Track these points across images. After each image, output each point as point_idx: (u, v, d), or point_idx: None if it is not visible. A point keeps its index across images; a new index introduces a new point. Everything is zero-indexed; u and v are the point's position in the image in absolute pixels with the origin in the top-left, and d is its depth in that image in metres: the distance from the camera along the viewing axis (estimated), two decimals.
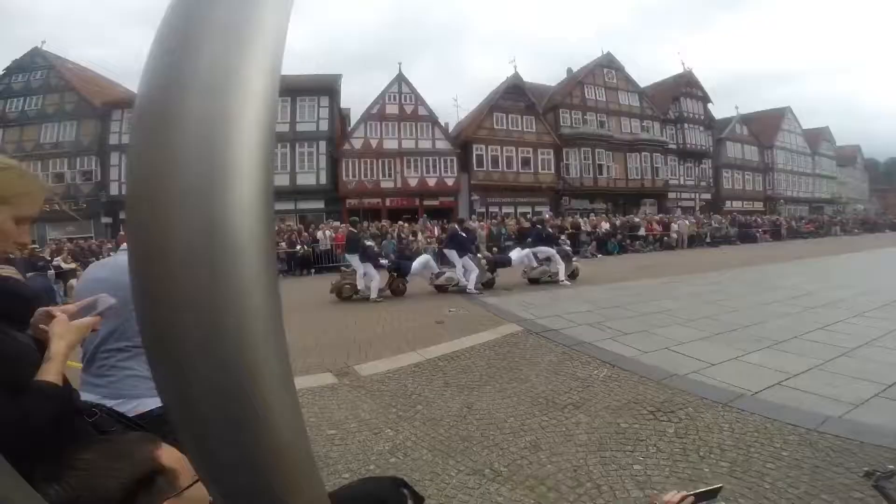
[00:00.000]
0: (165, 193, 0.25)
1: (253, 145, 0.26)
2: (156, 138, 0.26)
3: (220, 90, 0.26)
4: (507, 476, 2.61)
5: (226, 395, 0.26)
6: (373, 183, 23.16)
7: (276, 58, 0.27)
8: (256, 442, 0.27)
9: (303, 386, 4.14)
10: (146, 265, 0.26)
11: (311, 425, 3.37)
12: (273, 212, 0.28)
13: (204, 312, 0.25)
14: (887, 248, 17.68)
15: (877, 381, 3.78)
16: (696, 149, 31.44)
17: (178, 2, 0.29)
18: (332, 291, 8.79)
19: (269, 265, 0.27)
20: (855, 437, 2.86)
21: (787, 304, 7.19)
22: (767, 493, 2.34)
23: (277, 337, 0.27)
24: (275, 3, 0.28)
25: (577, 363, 4.57)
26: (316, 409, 3.68)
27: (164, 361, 0.27)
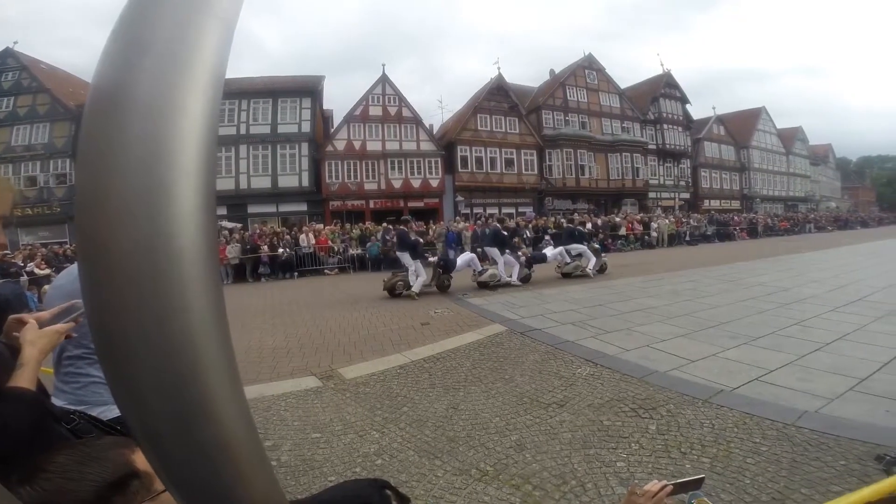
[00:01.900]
0: (110, 202, 0.27)
1: (194, 155, 0.27)
2: (101, 148, 0.27)
3: (160, 110, 0.27)
4: (493, 475, 2.63)
5: (171, 398, 0.27)
6: (356, 185, 23.01)
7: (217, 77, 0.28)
8: (204, 438, 0.28)
9: (286, 390, 4.11)
10: (94, 273, 0.28)
11: (295, 429, 3.35)
12: (215, 218, 0.29)
13: (148, 317, 0.26)
14: (858, 245, 18.32)
15: (850, 376, 3.90)
16: (675, 149, 32.05)
17: (124, 15, 0.30)
18: (385, 289, 9.00)
19: (211, 269, 0.28)
20: (831, 431, 2.94)
21: (764, 300, 7.38)
22: (748, 488, 2.39)
23: (222, 338, 0.29)
24: (215, 23, 0.29)
25: (560, 362, 4.62)
26: (300, 412, 3.64)
27: (112, 365, 0.28)
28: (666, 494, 1.25)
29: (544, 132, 27.00)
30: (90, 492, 0.68)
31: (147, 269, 0.26)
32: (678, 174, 31.91)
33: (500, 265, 9.65)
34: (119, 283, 0.26)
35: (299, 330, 6.50)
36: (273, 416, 3.58)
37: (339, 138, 23.25)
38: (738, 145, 36.55)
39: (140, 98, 0.27)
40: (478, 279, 9.50)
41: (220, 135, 10.07)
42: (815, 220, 32.59)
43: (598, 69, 29.93)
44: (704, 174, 34.30)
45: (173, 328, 0.27)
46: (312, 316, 7.45)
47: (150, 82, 0.27)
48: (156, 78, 0.27)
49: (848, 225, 34.72)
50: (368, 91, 23.84)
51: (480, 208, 24.84)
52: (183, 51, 0.28)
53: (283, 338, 6.08)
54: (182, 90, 0.27)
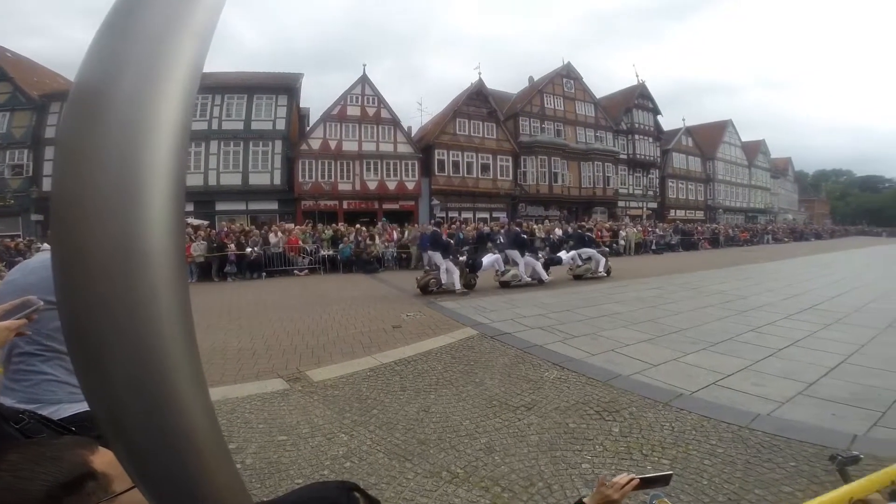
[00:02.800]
0: (85, 202, 0.28)
1: (167, 156, 0.29)
2: (76, 149, 0.29)
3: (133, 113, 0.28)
4: (463, 477, 2.65)
5: (139, 390, 0.29)
6: (330, 184, 22.71)
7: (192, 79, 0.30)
8: (169, 429, 0.29)
9: (251, 392, 4.02)
10: (67, 269, 0.29)
11: (260, 432, 3.28)
12: (183, 221, 0.31)
13: (118, 315, 0.28)
14: (811, 256, 19.34)
15: (800, 380, 4.12)
16: (645, 159, 33.07)
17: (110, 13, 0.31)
18: (418, 286, 9.32)
19: (178, 268, 0.30)
20: (782, 433, 3.09)
21: (722, 307, 7.71)
22: (706, 489, 2.48)
23: (187, 334, 0.30)
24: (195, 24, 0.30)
25: (529, 366, 4.69)
26: (265, 415, 3.58)
27: (83, 359, 0.29)
28: (632, 487, 1.30)
29: (520, 139, 27.37)
30: (41, 491, 0.67)
31: (119, 266, 0.28)
32: (647, 184, 32.89)
33: (521, 266, 10.19)
34: (92, 280, 0.28)
35: (266, 331, 6.36)
36: (237, 419, 3.50)
37: (315, 137, 22.92)
38: (705, 157, 37.98)
39: (115, 101, 0.28)
40: (500, 279, 10.03)
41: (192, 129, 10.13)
42: (773, 231, 34.16)
43: (576, 78, 30.58)
44: (672, 184, 35.49)
45: (142, 323, 0.28)
46: (280, 317, 7.30)
47: (126, 85, 0.29)
48: (132, 81, 0.29)
49: (803, 237, 36.58)
50: (347, 91, 23.61)
51: (456, 212, 24.94)
52: (160, 55, 0.29)
53: (249, 339, 5.94)
54: (157, 95, 0.28)
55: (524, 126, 28.05)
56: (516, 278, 10.11)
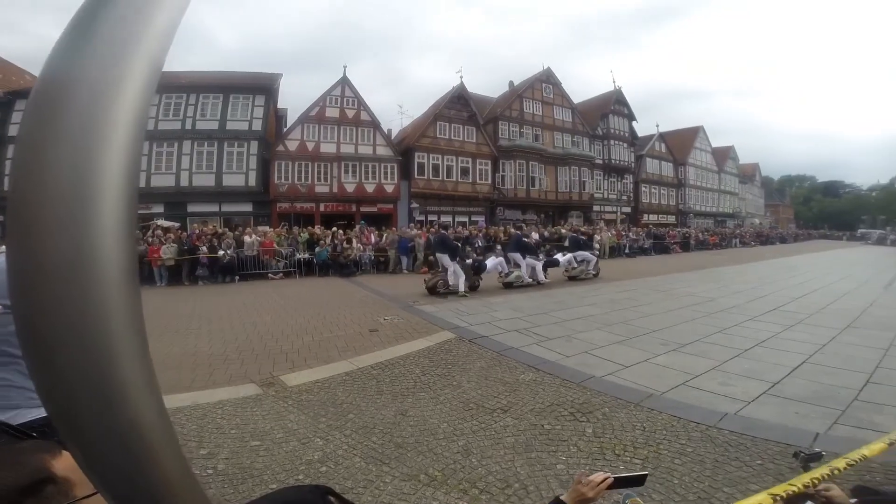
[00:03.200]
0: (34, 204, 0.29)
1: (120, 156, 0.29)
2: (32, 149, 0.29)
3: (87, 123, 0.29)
4: (441, 480, 2.66)
5: (91, 395, 0.29)
6: (306, 186, 22.41)
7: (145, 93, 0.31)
8: (121, 433, 0.30)
9: (222, 398, 3.94)
10: (20, 271, 0.29)
11: (232, 437, 3.22)
12: (135, 223, 0.31)
13: (70, 317, 0.28)
14: (776, 259, 20.12)
15: (765, 380, 4.28)
16: (619, 164, 33.81)
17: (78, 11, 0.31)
18: (426, 287, 9.62)
19: (130, 272, 0.30)
20: (748, 432, 3.20)
21: (692, 309, 7.94)
22: (676, 487, 2.55)
23: (139, 338, 0.30)
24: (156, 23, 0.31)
25: (505, 368, 4.74)
26: (238, 420, 3.51)
27: (36, 364, 0.30)
28: (607, 486, 1.33)
29: (500, 143, 27.61)
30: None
31: (70, 268, 0.28)
32: (621, 189, 33.65)
33: (524, 268, 10.82)
34: (44, 282, 0.28)
35: (238, 336, 6.23)
36: (208, 424, 3.43)
37: (292, 138, 22.60)
38: (677, 162, 39.12)
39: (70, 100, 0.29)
40: (504, 280, 10.57)
41: (163, 129, 9.50)
42: (740, 235, 35.36)
43: (555, 83, 31.04)
44: (645, 189, 36.40)
45: (94, 324, 0.28)
46: (253, 322, 7.16)
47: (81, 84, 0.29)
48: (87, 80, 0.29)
49: (769, 240, 37.97)
50: (327, 92, 23.37)
51: (435, 216, 24.96)
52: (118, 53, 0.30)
53: (221, 344, 5.81)
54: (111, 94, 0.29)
55: (503, 130, 28.31)
56: (519, 279, 10.67)
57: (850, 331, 6.34)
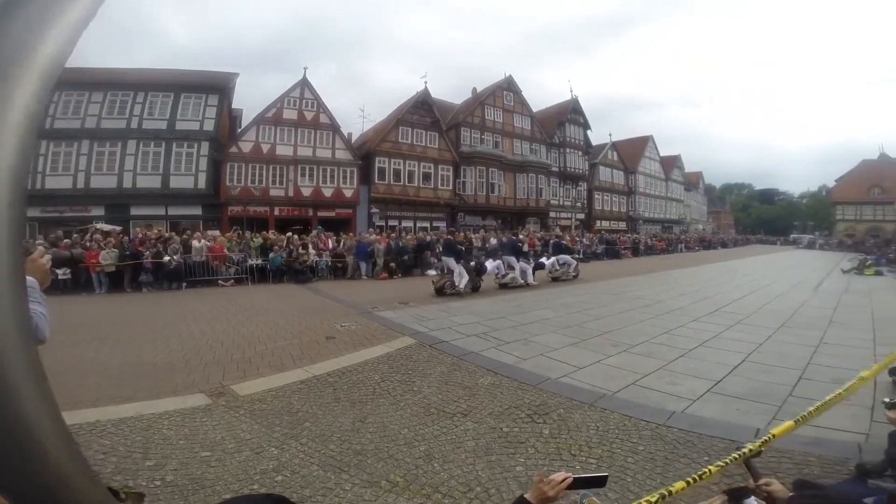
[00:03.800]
0: None
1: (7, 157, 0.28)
2: None
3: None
4: (403, 486, 2.64)
5: None
6: (261, 190, 21.69)
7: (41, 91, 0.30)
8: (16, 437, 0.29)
9: (168, 408, 3.75)
10: None
11: (181, 448, 3.08)
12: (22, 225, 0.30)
13: None
14: (718, 263, 21.39)
15: (709, 378, 4.52)
16: (574, 172, 34.97)
17: None
18: (434, 289, 10.24)
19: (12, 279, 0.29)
20: (695, 429, 3.35)
21: (640, 311, 8.30)
22: (630, 486, 2.63)
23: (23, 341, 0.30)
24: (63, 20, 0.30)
25: (464, 373, 4.77)
26: (186, 431, 3.36)
27: None
28: (566, 486, 1.35)
29: (461, 149, 27.89)
30: None
31: None
32: (575, 196, 34.75)
33: (517, 270, 11.74)
34: None
35: (185, 345, 5.92)
36: (154, 436, 3.26)
37: (247, 140, 21.83)
38: (628, 170, 40.95)
39: None
40: (500, 281, 11.51)
41: (105, 128, 8.89)
42: (685, 240, 37.36)
43: (516, 91, 31.77)
44: (598, 196, 37.84)
45: None
46: (201, 330, 6.82)
47: None
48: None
49: (711, 245, 40.36)
50: (285, 93, 22.78)
51: (395, 221, 24.80)
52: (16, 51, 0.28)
53: (166, 353, 5.51)
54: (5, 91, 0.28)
55: (465, 136, 28.64)
56: (513, 280, 11.60)
57: (784, 330, 6.82)
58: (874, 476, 2.30)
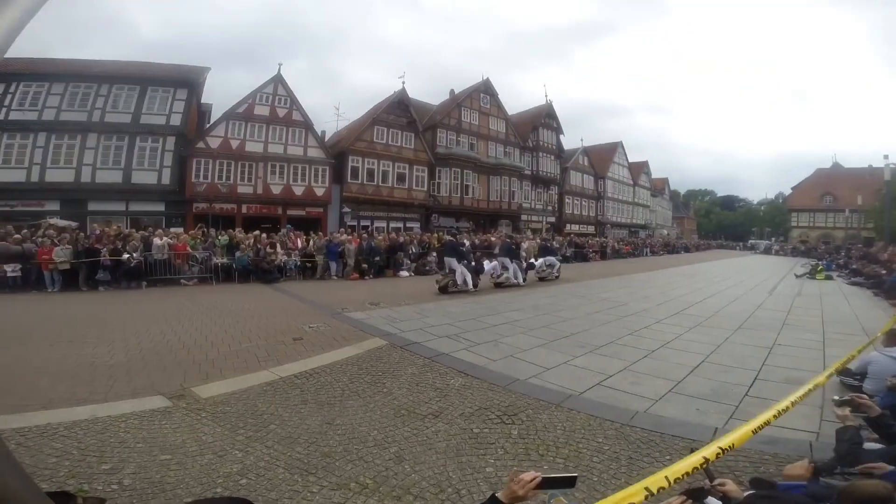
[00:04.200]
0: None
1: None
2: None
3: None
4: (373, 488, 2.63)
5: None
6: (228, 187, 21.04)
7: None
8: None
9: (125, 411, 3.61)
10: None
11: (139, 451, 2.98)
12: None
13: None
14: (681, 267, 22.16)
15: (670, 379, 4.67)
16: (546, 176, 35.54)
17: None
18: (438, 287, 10.90)
19: None
20: (657, 429, 3.46)
21: (607, 313, 8.52)
22: (597, 485, 2.69)
23: None
24: None
25: (436, 374, 4.78)
26: (144, 434, 3.25)
27: None
28: (536, 485, 1.38)
29: (437, 150, 27.87)
30: None
31: None
32: (547, 199, 35.31)
33: (511, 270, 12.48)
34: None
35: (144, 346, 5.69)
36: (110, 438, 3.14)
37: (215, 135, 21.12)
38: (597, 176, 41.96)
39: None
40: (496, 280, 12.28)
41: (64, 120, 8.50)
42: (651, 245, 38.50)
43: (492, 94, 32.03)
44: (568, 200, 38.60)
45: None
46: (161, 331, 6.54)
47: None
48: None
49: (675, 250, 41.74)
50: (258, 89, 22.17)
51: (368, 221, 24.55)
52: None
53: (124, 354, 5.29)
54: None
55: (441, 138, 28.65)
56: (508, 280, 12.39)
57: (741, 331, 7.14)
58: (825, 474, 2.43)
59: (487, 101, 31.59)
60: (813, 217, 50.45)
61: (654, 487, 1.40)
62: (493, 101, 31.96)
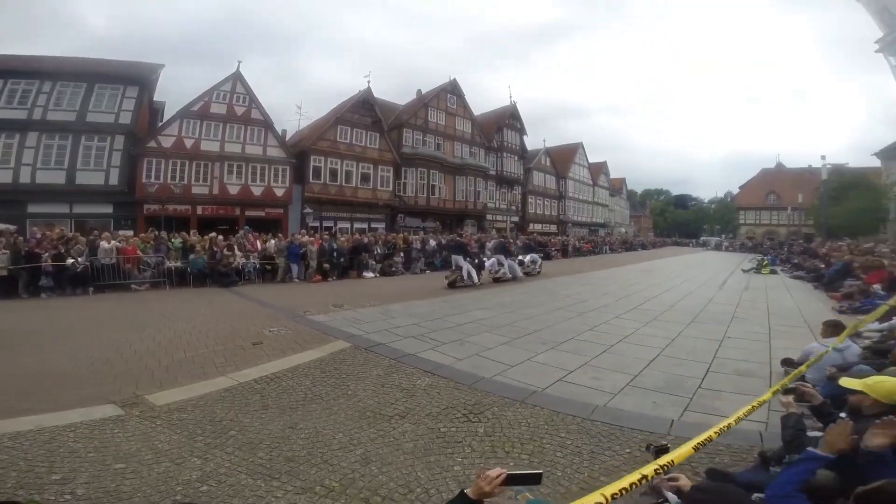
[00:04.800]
0: None
1: None
2: None
3: None
4: (340, 491, 2.60)
5: None
6: (182, 187, 20.16)
7: None
8: None
9: (74, 420, 3.43)
10: None
11: (90, 461, 2.85)
12: None
13: None
14: (638, 264, 23.00)
15: (628, 373, 4.84)
16: (510, 176, 36.13)
17: None
18: (448, 283, 11.97)
19: None
20: (617, 422, 3.56)
21: (568, 309, 8.74)
22: (560, 480, 2.74)
23: None
24: None
25: (402, 374, 4.76)
26: (96, 443, 3.10)
27: None
28: (501, 482, 1.41)
29: (403, 150, 27.74)
30: None
31: None
32: (511, 199, 35.89)
33: (507, 267, 13.85)
34: None
35: (92, 353, 5.37)
36: (59, 448, 2.99)
37: (168, 134, 20.18)
38: (559, 176, 43.01)
39: None
40: (494, 276, 13.54)
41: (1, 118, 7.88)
42: (610, 242, 39.81)
43: (459, 95, 32.21)
44: (532, 200, 39.39)
45: None
46: (111, 338, 6.17)
47: None
48: None
49: (632, 247, 43.29)
50: (215, 86, 21.34)
51: (331, 222, 24.12)
52: None
53: (70, 362, 5.00)
54: None
55: (408, 138, 28.57)
56: (505, 276, 13.73)
57: (693, 325, 7.48)
58: (774, 463, 2.59)
59: (454, 102, 31.77)
60: (759, 214, 53.63)
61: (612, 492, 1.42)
62: (459, 101, 32.16)
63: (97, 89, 18.82)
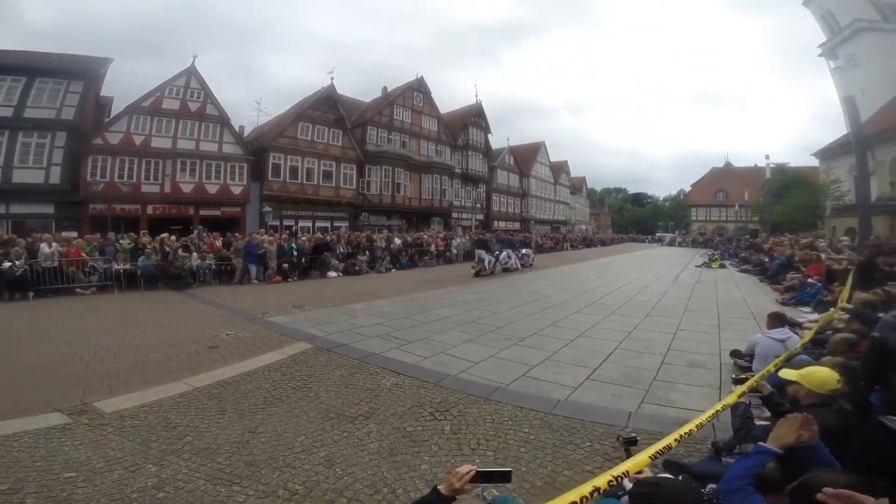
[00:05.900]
0: None
1: None
2: None
3: None
4: (304, 493, 2.57)
5: None
6: (130, 185, 19.08)
7: None
8: None
9: (17, 430, 3.25)
10: None
11: (38, 470, 2.72)
12: None
13: None
14: (597, 259, 23.75)
15: (587, 366, 4.99)
16: (475, 174, 36.35)
17: None
18: (474, 273, 14.65)
19: None
20: (578, 416, 3.65)
21: (531, 305, 8.93)
22: (525, 475, 2.79)
23: None
24: None
25: (366, 375, 4.72)
26: (42, 452, 2.95)
27: None
28: (470, 478, 1.44)
29: (367, 148, 27.34)
30: None
31: None
32: (475, 197, 36.14)
33: (513, 258, 17.27)
34: None
35: (33, 361, 5.04)
36: (2, 458, 2.85)
37: (115, 130, 19.00)
38: (522, 174, 43.67)
39: None
40: (504, 266, 16.55)
41: None
42: (570, 239, 40.83)
43: (426, 92, 32.05)
44: (496, 198, 39.81)
45: None
46: (55, 344, 5.82)
47: None
48: None
49: (592, 244, 44.61)
50: (168, 81, 20.25)
51: (291, 221, 23.50)
52: None
53: (10, 370, 4.70)
54: None
55: (372, 135, 28.20)
56: (513, 266, 16.93)
57: (648, 319, 7.80)
58: (726, 453, 2.73)
59: (420, 99, 31.64)
60: (709, 211, 56.41)
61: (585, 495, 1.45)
62: (425, 99, 32.06)
63: (38, 83, 17.50)
